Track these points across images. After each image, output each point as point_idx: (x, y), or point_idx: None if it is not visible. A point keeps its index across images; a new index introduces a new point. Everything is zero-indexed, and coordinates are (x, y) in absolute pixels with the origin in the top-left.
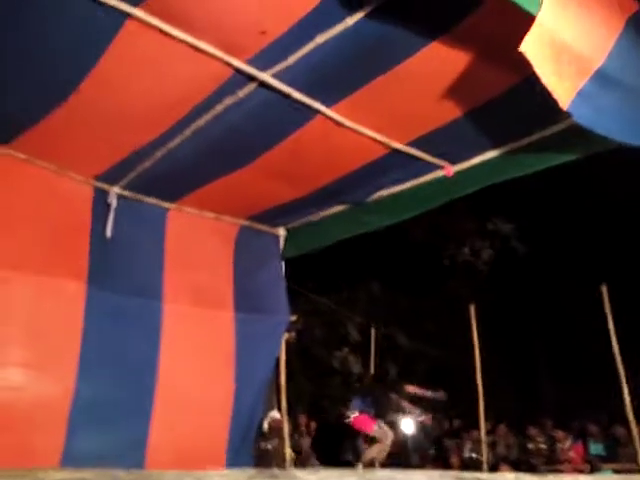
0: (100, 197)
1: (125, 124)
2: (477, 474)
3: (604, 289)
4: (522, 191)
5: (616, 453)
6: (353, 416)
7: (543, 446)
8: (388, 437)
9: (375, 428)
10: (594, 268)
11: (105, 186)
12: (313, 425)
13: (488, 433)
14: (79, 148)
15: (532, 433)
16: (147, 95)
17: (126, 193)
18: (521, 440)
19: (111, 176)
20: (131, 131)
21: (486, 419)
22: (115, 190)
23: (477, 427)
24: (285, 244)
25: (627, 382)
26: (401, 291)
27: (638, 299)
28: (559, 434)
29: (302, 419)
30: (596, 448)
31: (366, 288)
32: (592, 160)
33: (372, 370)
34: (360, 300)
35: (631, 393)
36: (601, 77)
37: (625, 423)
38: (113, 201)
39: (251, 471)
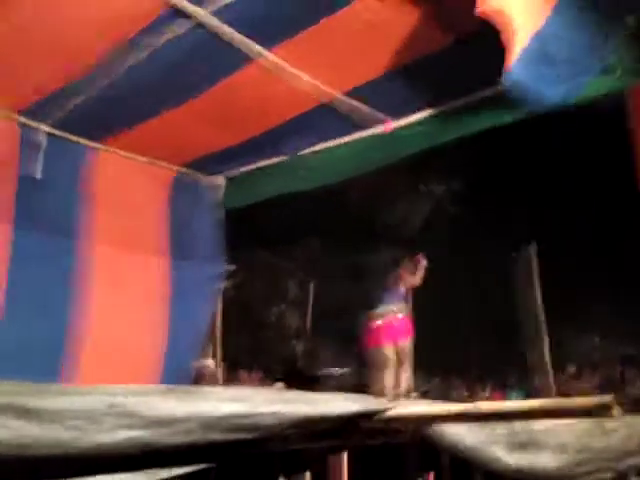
0: (27, 134)
1: (52, 55)
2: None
3: (532, 249)
4: (455, 153)
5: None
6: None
7: (466, 393)
8: (390, 359)
9: (386, 345)
10: (523, 229)
11: (32, 123)
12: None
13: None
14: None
15: (455, 384)
16: (75, 25)
17: (55, 131)
18: (445, 391)
19: (38, 112)
20: (58, 63)
21: (417, 372)
22: (43, 127)
23: None
24: (224, 194)
25: (549, 337)
26: (340, 249)
27: (564, 258)
28: (480, 385)
29: (243, 375)
30: (517, 396)
31: (306, 244)
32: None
33: (309, 324)
34: (300, 256)
35: (550, 347)
36: (538, 40)
37: (545, 374)
38: (42, 140)
39: (163, 386)
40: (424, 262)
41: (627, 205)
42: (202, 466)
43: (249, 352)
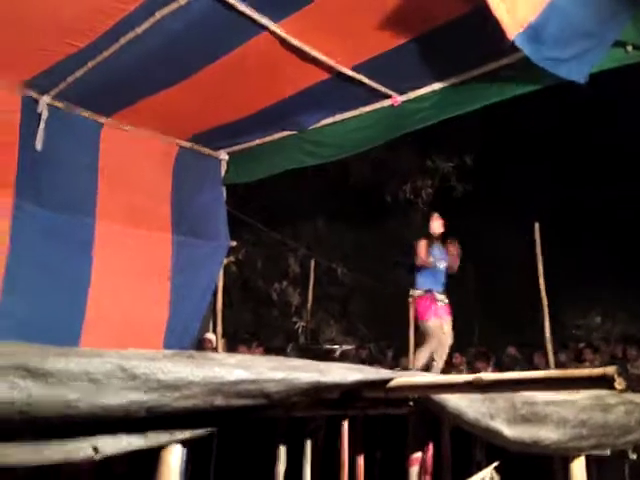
0: (29, 106)
1: (56, 26)
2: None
3: (536, 227)
4: (463, 129)
5: None
6: (416, 294)
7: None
8: (442, 334)
9: (431, 318)
10: (529, 207)
11: (34, 94)
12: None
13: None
14: (1, 50)
15: (457, 361)
16: None
17: (58, 104)
18: (446, 368)
19: (41, 84)
20: (62, 35)
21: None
22: (45, 99)
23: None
24: (227, 169)
25: (550, 317)
26: (344, 227)
27: (570, 237)
28: (480, 362)
29: (242, 348)
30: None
31: (310, 222)
32: (528, 99)
33: (310, 302)
34: (303, 234)
35: (552, 326)
36: (552, 12)
37: (544, 353)
38: (44, 111)
39: (168, 352)
40: (456, 247)
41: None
42: (204, 431)
43: (250, 327)
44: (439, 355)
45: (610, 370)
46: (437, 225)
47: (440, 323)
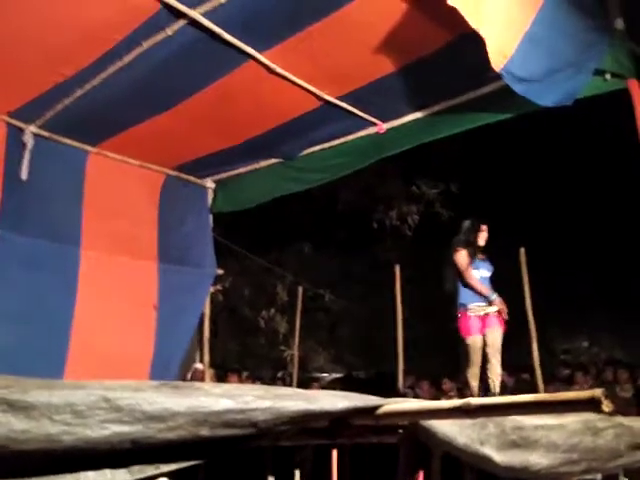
0: (15, 136)
1: (42, 56)
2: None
3: (522, 252)
4: (448, 156)
5: None
6: (462, 309)
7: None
8: (477, 351)
9: (474, 335)
10: (515, 232)
11: (20, 124)
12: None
13: (410, 388)
14: None
15: (446, 387)
16: (66, 25)
17: (43, 133)
18: (436, 394)
19: (27, 114)
20: (49, 64)
21: (408, 375)
22: (31, 129)
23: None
24: (215, 197)
25: (537, 341)
26: (331, 253)
27: (556, 262)
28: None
29: (232, 378)
30: None
31: (296, 249)
32: (512, 123)
33: (297, 330)
34: (290, 261)
35: (539, 351)
36: (530, 40)
37: (532, 372)
38: (29, 140)
39: (153, 382)
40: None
41: (621, 210)
42: (190, 463)
43: (238, 357)
44: (491, 371)
45: (598, 392)
46: (483, 237)
47: (481, 338)
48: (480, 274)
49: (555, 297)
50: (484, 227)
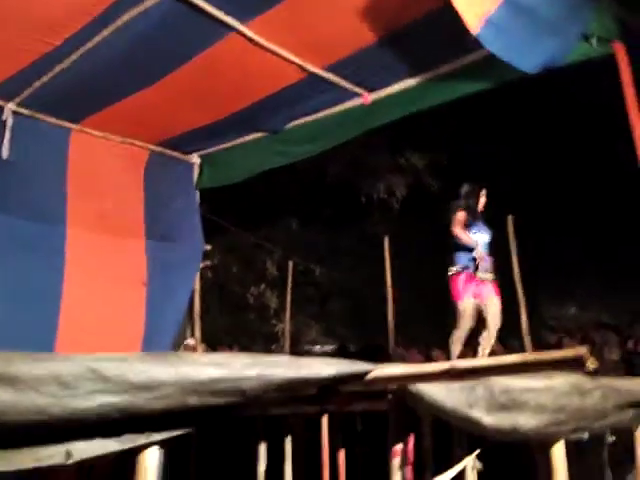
0: None
1: (18, 31)
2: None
3: (509, 220)
4: (436, 126)
5: None
6: (454, 270)
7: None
8: (467, 316)
9: (465, 298)
10: (504, 200)
11: None
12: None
13: (402, 358)
14: None
15: (436, 356)
16: (41, 1)
17: (23, 110)
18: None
19: (5, 91)
20: (26, 40)
21: (398, 346)
22: (10, 107)
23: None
24: (200, 173)
25: (525, 306)
26: (319, 228)
27: (544, 228)
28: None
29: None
30: None
31: (284, 224)
32: (500, 90)
33: (288, 304)
34: (278, 236)
35: (527, 316)
36: (510, 3)
37: (521, 340)
38: (9, 118)
39: (141, 353)
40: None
41: (610, 178)
42: (181, 431)
43: (229, 332)
44: (484, 339)
45: (582, 351)
46: (482, 201)
47: (477, 303)
48: (481, 238)
49: (543, 263)
50: (483, 192)
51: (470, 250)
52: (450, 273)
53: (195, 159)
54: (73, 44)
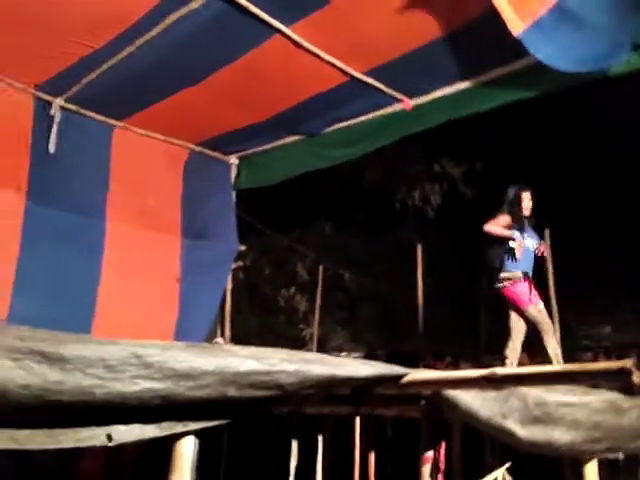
0: (42, 109)
1: (68, 29)
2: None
3: (547, 233)
4: (472, 135)
5: None
6: (515, 276)
7: None
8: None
9: (532, 306)
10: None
11: (47, 97)
12: None
13: (429, 368)
14: (16, 52)
15: (464, 368)
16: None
17: (70, 106)
18: None
19: (54, 87)
20: (75, 38)
21: (427, 354)
22: (58, 102)
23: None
24: (238, 174)
25: (560, 325)
26: (352, 232)
27: (582, 242)
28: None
29: None
30: None
31: (318, 227)
32: (538, 103)
33: (318, 308)
34: (311, 240)
35: (562, 335)
36: (561, 10)
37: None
38: (56, 113)
39: (184, 343)
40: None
41: None
42: (217, 422)
43: (258, 333)
44: (549, 343)
45: (628, 363)
46: (528, 205)
47: (539, 309)
48: (530, 244)
49: (580, 281)
50: (526, 194)
51: (524, 255)
52: (509, 279)
53: (233, 160)
54: (121, 43)
